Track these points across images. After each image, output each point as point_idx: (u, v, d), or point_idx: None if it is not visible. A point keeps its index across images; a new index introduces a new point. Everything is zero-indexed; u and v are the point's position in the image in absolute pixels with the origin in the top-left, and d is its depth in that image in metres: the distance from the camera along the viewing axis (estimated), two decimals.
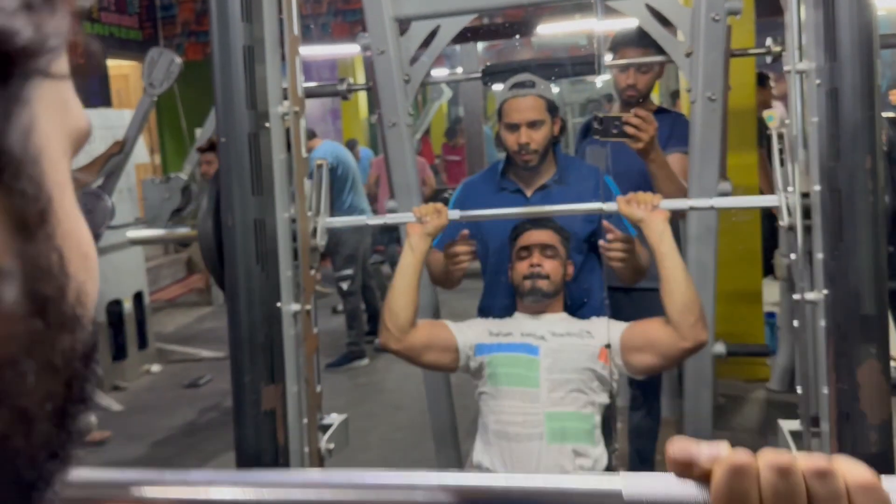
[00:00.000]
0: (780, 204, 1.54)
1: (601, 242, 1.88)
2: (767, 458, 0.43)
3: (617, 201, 1.71)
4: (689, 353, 1.72)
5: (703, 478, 0.43)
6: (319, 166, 1.80)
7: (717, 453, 0.43)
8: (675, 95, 7.10)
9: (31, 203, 0.24)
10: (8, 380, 0.23)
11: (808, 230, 1.50)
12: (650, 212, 1.66)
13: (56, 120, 0.25)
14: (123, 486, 0.54)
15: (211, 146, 3.42)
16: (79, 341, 0.26)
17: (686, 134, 2.36)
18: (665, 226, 1.66)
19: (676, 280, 1.65)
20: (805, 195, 1.50)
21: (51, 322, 0.25)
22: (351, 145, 6.38)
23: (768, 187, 4.14)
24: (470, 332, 1.86)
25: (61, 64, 0.25)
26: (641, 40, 2.32)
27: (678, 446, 0.44)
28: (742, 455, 0.43)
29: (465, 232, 1.95)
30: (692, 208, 1.75)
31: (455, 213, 1.82)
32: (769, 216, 4.09)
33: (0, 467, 0.23)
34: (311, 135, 4.37)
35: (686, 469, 0.44)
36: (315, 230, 1.75)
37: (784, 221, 1.54)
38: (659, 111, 2.46)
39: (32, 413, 0.24)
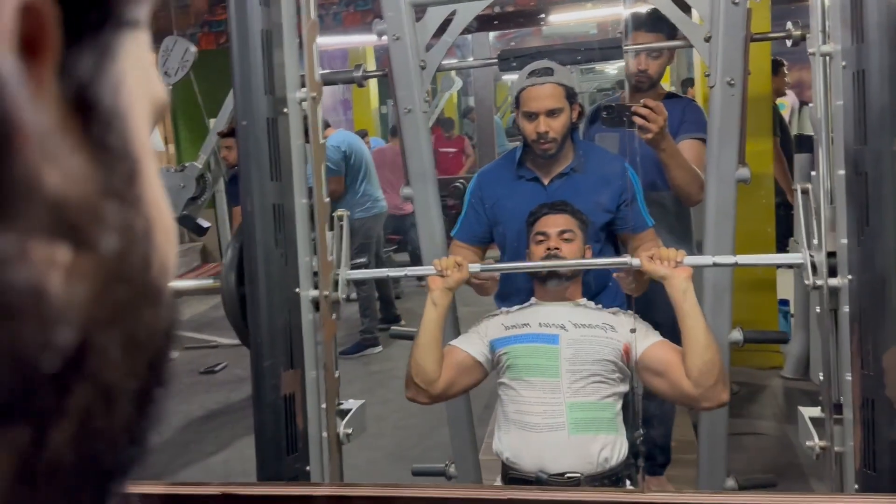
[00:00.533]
0: (804, 262, 1.52)
1: (615, 275, 1.91)
2: None
3: (640, 257, 1.71)
4: (709, 410, 1.74)
5: None
6: (340, 217, 1.79)
7: None
8: (685, 83, 7.04)
9: (120, 162, 0.23)
10: (93, 350, 0.21)
11: (833, 292, 1.47)
12: (673, 269, 1.66)
13: (140, 82, 0.24)
14: None
15: (231, 131, 3.42)
16: (161, 318, 0.25)
17: (698, 119, 2.35)
18: (688, 284, 1.65)
19: (697, 339, 1.63)
20: (831, 254, 1.48)
21: (136, 292, 0.23)
22: (360, 136, 6.37)
23: (783, 176, 4.11)
24: (480, 339, 1.85)
25: (147, 16, 0.24)
26: (654, 25, 2.31)
27: None
28: None
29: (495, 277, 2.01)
30: (716, 264, 1.72)
31: (476, 267, 1.83)
32: (784, 204, 4.06)
33: (79, 450, 0.22)
34: (325, 125, 4.37)
35: None
36: (336, 283, 1.73)
37: (809, 280, 1.51)
38: (669, 97, 2.44)
39: (116, 391, 0.23)
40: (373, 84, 8.29)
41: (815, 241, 1.51)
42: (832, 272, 1.48)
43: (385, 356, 4.48)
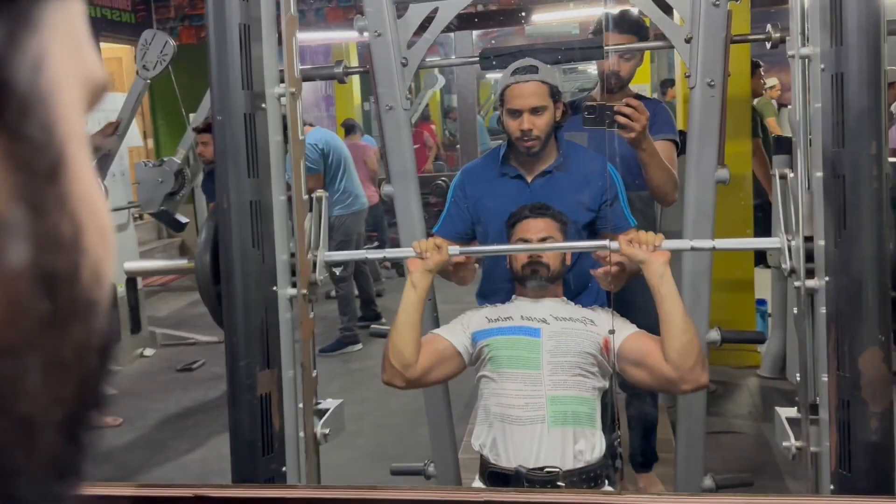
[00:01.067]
0: (781, 247, 1.53)
1: (591, 271, 1.90)
2: None
3: (619, 241, 1.71)
4: (688, 392, 1.74)
5: None
6: (319, 199, 1.77)
7: None
8: (665, 84, 7.08)
9: (41, 153, 0.19)
10: (7, 378, 0.19)
11: (810, 273, 1.48)
12: (651, 252, 1.66)
13: (70, 60, 0.21)
14: None
15: (207, 127, 3.38)
16: (94, 332, 0.22)
17: (667, 121, 2.37)
18: (665, 268, 1.66)
19: (675, 323, 1.64)
20: (808, 239, 1.49)
21: (61, 306, 0.20)
22: (348, 126, 6.34)
23: (763, 176, 4.14)
24: (463, 330, 1.85)
25: None
26: (627, 26, 2.32)
27: None
28: None
29: (469, 259, 1.99)
30: (693, 248, 1.73)
31: (455, 249, 1.82)
32: (762, 205, 4.09)
33: None
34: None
35: None
36: (314, 265, 1.72)
37: (786, 264, 1.52)
38: (637, 98, 2.45)
39: (36, 421, 0.20)
40: (356, 81, 8.26)
41: (793, 227, 1.52)
42: (809, 256, 1.48)
43: (365, 354, 4.46)
